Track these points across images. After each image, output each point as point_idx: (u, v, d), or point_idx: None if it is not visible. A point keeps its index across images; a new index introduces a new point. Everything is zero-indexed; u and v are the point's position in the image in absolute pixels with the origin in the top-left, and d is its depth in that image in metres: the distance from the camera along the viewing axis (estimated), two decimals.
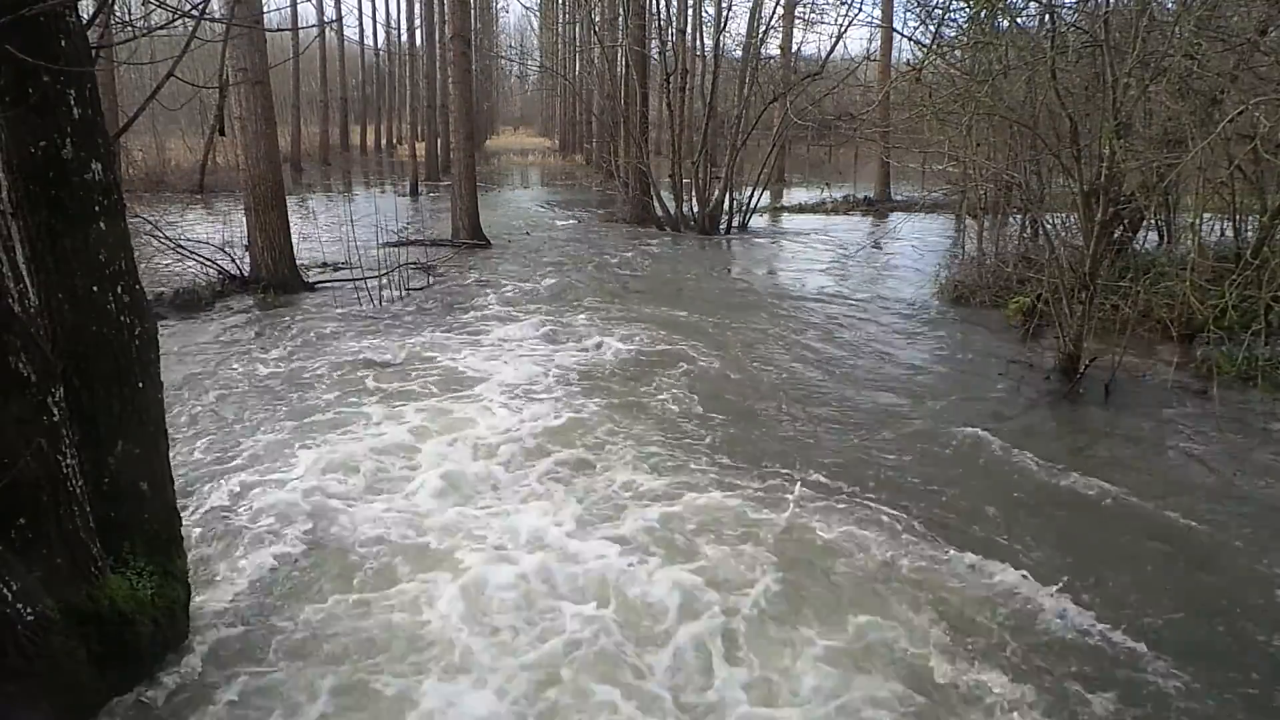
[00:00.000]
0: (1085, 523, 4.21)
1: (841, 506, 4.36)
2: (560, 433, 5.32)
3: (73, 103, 2.55)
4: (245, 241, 9.55)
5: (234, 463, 4.75)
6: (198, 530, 3.90)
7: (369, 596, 3.45)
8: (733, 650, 3.14)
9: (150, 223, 9.35)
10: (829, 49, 20.06)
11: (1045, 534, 4.04)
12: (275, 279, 9.28)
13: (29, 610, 2.37)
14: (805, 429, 5.55)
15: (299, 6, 22.31)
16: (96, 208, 2.66)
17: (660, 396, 6.10)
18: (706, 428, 5.49)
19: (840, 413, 5.85)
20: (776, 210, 18.95)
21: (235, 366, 6.63)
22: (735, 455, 5.03)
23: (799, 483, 4.61)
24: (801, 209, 19.24)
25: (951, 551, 3.89)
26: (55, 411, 2.49)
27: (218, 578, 3.55)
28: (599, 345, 7.50)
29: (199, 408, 5.65)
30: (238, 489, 4.38)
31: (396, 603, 3.40)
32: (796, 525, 4.14)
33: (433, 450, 4.99)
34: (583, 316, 8.64)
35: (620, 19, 17.57)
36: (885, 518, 4.25)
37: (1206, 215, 7.66)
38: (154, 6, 4.08)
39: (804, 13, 18.35)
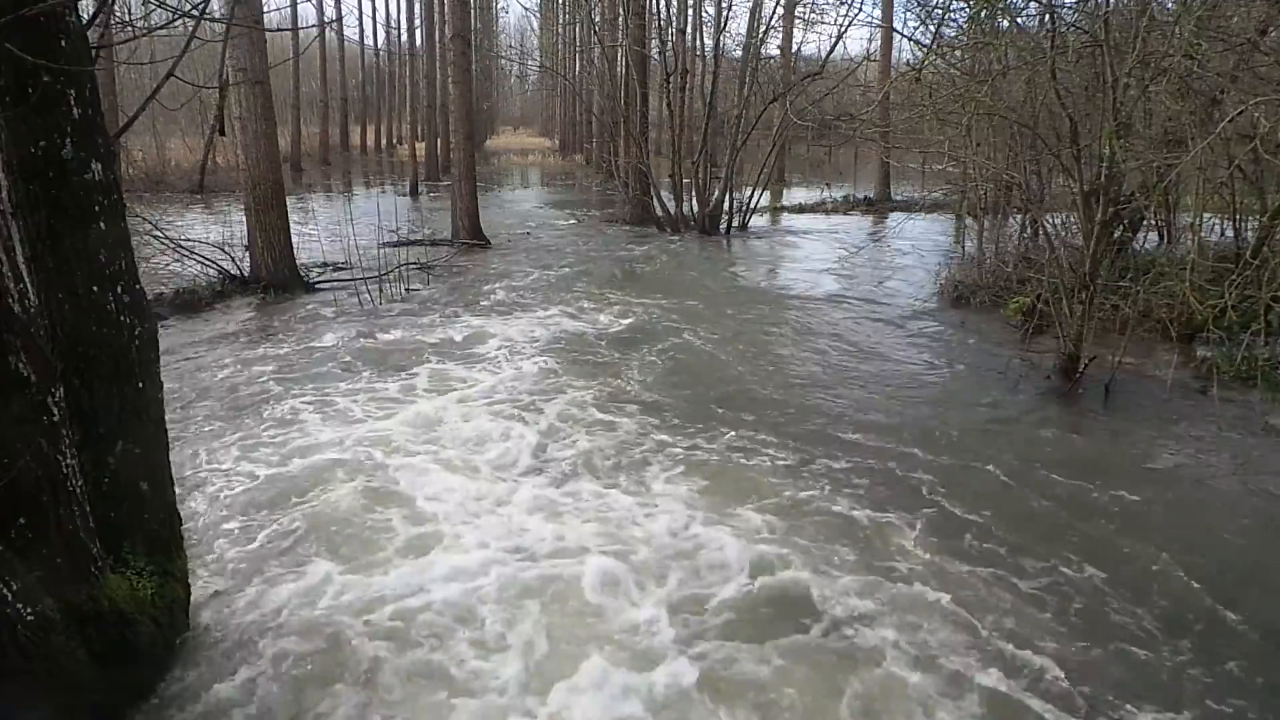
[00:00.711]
0: (1080, 518, 4.20)
1: (788, 464, 4.80)
2: (526, 386, 6.27)
3: (73, 103, 2.54)
4: (245, 241, 9.55)
5: (237, 448, 4.94)
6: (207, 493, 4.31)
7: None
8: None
9: (150, 223, 9.34)
10: (829, 49, 20.08)
11: (1039, 526, 4.05)
12: (275, 279, 9.28)
13: (29, 610, 2.37)
14: (777, 412, 5.67)
15: (299, 6, 22.34)
16: (96, 208, 2.66)
17: (637, 369, 6.66)
18: (665, 390, 6.09)
19: (824, 400, 5.89)
20: (776, 210, 18.93)
21: (236, 365, 6.65)
22: (685, 414, 5.56)
23: (733, 433, 5.26)
24: (801, 209, 19.21)
25: (897, 516, 4.13)
26: (55, 411, 2.49)
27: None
28: (589, 324, 8.12)
29: (199, 405, 5.67)
30: (242, 469, 4.67)
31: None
32: (725, 460, 4.80)
33: (420, 409, 5.73)
34: (579, 304, 8.93)
35: (620, 19, 17.53)
36: (837, 479, 4.58)
37: (1206, 215, 7.65)
38: (154, 6, 4.08)
39: (804, 13, 18.35)
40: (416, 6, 32.09)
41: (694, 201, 15.43)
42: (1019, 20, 7.59)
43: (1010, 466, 4.84)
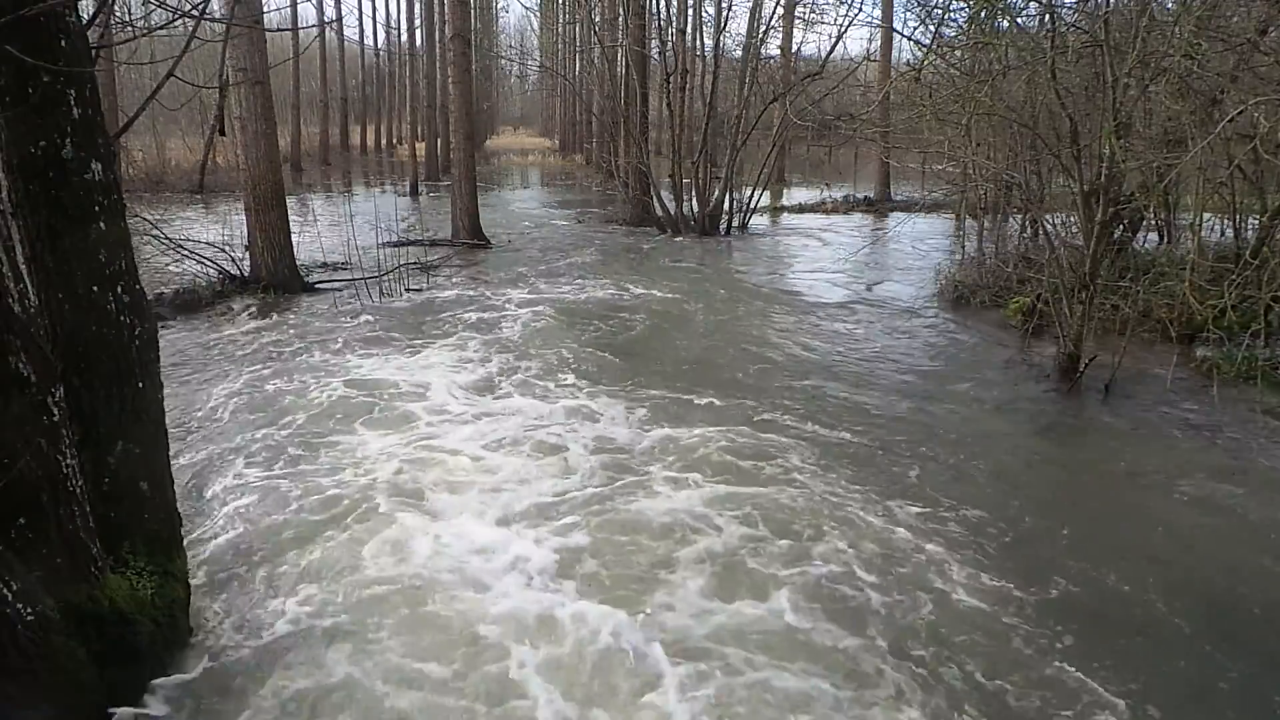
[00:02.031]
0: (1077, 515, 4.20)
1: (772, 428, 5.19)
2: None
3: (73, 103, 2.54)
4: (245, 241, 9.55)
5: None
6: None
7: None
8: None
9: (150, 223, 9.33)
10: (829, 49, 20.08)
11: (1034, 522, 4.04)
12: (275, 279, 9.28)
13: (29, 610, 2.37)
14: (764, 404, 5.76)
15: (299, 6, 22.34)
16: (96, 208, 2.66)
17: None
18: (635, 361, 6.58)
19: (818, 394, 5.91)
20: (776, 210, 18.92)
21: (236, 363, 6.65)
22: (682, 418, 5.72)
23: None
24: (801, 209, 19.21)
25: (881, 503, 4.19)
26: (55, 411, 2.49)
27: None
28: (586, 321, 8.38)
29: (199, 404, 5.68)
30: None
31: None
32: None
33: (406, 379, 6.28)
34: (577, 302, 9.09)
35: (620, 19, 17.52)
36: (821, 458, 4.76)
37: (1206, 215, 7.65)
38: (154, 6, 4.08)
39: (804, 13, 18.36)
40: (416, 6, 32.07)
41: (694, 201, 15.42)
42: (1019, 20, 7.60)
43: (1007, 464, 4.85)
